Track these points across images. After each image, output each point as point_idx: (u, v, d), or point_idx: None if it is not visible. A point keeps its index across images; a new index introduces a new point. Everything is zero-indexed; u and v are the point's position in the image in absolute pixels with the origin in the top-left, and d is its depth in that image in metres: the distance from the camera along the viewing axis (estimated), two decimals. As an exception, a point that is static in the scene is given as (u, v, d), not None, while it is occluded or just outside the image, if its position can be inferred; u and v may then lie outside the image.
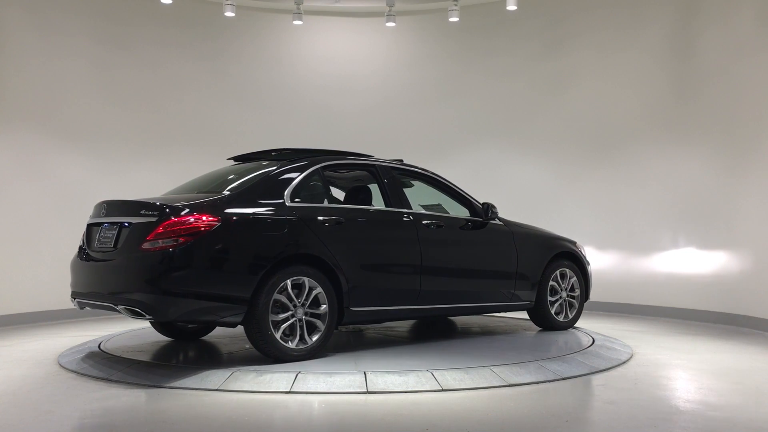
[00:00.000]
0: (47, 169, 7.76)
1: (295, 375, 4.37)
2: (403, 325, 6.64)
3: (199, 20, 8.88)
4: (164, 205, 4.60)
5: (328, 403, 3.98)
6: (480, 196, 6.18)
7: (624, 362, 5.18)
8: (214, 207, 4.62)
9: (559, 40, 8.92)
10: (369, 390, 4.19)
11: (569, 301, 6.50)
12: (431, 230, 5.58)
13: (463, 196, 6.06)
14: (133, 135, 8.40)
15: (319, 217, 4.97)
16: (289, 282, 4.70)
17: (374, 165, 5.70)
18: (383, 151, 8.60)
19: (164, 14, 8.60)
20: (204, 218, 4.50)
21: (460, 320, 7.04)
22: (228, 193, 4.82)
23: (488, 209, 5.97)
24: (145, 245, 4.48)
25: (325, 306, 4.86)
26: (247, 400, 4.05)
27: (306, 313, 4.79)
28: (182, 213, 4.51)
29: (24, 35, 7.61)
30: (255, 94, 9.15)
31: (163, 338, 5.91)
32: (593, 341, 5.72)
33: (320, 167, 5.32)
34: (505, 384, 4.38)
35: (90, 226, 5.11)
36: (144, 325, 6.55)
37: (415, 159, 8.97)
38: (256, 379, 4.33)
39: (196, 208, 4.56)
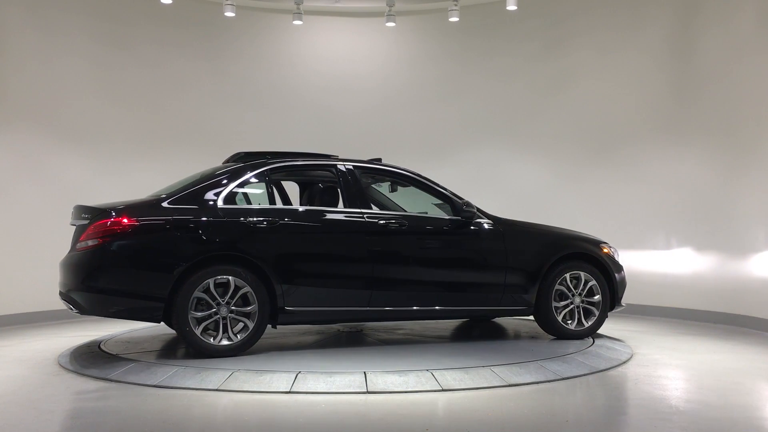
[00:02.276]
0: (47, 169, 7.75)
1: (295, 375, 4.38)
2: (403, 326, 6.63)
3: (199, 20, 8.87)
4: (94, 208, 5.01)
5: (328, 403, 3.98)
6: (480, 196, 6.14)
7: (624, 362, 5.18)
8: (140, 209, 4.96)
9: (559, 41, 8.92)
10: (369, 390, 4.19)
11: (586, 308, 5.88)
12: (388, 230, 5.38)
13: (444, 195, 5.76)
14: (133, 135, 8.40)
15: (249, 219, 5.08)
16: (211, 281, 4.89)
17: (334, 165, 5.61)
18: (383, 151, 8.60)
19: (164, 14, 8.59)
20: (124, 220, 4.83)
21: (461, 322, 7.01)
22: (164, 195, 5.13)
23: (461, 207, 5.63)
24: (79, 245, 4.95)
25: (253, 305, 4.98)
26: (247, 400, 4.05)
27: (232, 311, 4.95)
28: (106, 215, 4.85)
29: (24, 35, 7.60)
30: (255, 94, 9.14)
31: (163, 337, 5.91)
32: (593, 341, 5.72)
33: (267, 170, 5.40)
34: (505, 384, 4.38)
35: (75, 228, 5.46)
36: (144, 324, 6.55)
37: (415, 159, 9.00)
38: (256, 379, 4.34)
39: (120, 211, 4.88)
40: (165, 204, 5.02)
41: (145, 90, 8.54)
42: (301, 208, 5.58)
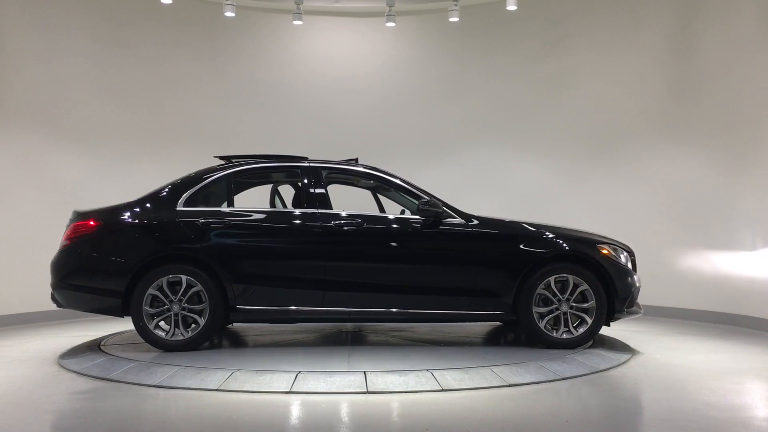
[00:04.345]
0: (47, 169, 7.75)
1: (295, 375, 4.39)
2: (403, 326, 6.63)
3: (199, 20, 8.87)
4: (75, 211, 5.48)
5: (328, 403, 3.98)
6: (480, 196, 6.14)
7: (624, 362, 5.18)
8: (107, 212, 5.41)
9: (559, 41, 8.92)
10: (369, 390, 4.19)
11: (578, 315, 5.43)
12: (344, 231, 5.33)
13: (411, 192, 5.60)
14: (133, 135, 8.40)
15: (201, 220, 5.32)
16: (164, 279, 5.23)
17: (297, 167, 5.68)
18: (382, 151, 8.61)
19: (164, 14, 8.59)
20: (91, 222, 5.33)
21: (459, 323, 6.97)
22: (135, 199, 5.52)
23: (418, 205, 5.42)
24: (60, 245, 5.44)
25: (205, 303, 5.23)
26: (247, 400, 4.05)
27: (184, 308, 5.25)
28: (79, 218, 5.38)
29: (24, 35, 7.60)
30: (255, 94, 9.14)
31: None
32: (593, 341, 5.72)
33: (231, 173, 5.61)
34: (505, 384, 4.38)
35: None
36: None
37: (415, 159, 9.00)
38: (256, 379, 4.34)
39: (89, 214, 5.39)
40: (133, 206, 5.43)
41: (145, 90, 8.54)
42: (268, 210, 5.75)
